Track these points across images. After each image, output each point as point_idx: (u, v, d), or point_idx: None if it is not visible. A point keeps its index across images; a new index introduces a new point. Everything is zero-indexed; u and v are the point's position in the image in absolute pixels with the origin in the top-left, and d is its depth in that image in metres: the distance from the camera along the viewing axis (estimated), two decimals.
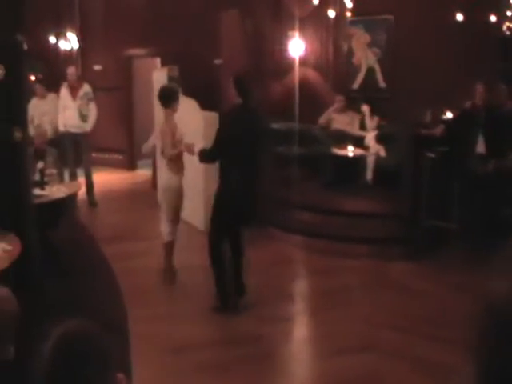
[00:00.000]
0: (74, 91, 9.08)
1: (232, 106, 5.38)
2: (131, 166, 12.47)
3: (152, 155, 10.20)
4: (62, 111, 9.10)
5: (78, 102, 9.05)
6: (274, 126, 9.02)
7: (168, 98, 6.07)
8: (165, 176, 6.26)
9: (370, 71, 9.25)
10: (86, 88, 9.21)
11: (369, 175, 8.30)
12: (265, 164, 7.88)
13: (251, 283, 5.95)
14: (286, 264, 6.93)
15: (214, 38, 9.77)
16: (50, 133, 8.90)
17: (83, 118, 9.08)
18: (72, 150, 9.12)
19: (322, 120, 9.04)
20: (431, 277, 6.31)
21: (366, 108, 8.75)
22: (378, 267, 6.61)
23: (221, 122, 5.34)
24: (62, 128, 9.09)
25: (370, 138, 8.58)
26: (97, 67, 12.27)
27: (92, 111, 9.21)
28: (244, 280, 5.59)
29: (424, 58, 8.40)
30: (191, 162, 7.70)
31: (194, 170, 7.44)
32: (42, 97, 9.19)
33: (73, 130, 9.07)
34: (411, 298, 5.81)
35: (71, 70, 9.22)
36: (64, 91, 9.13)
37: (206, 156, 5.46)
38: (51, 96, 9.33)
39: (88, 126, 9.18)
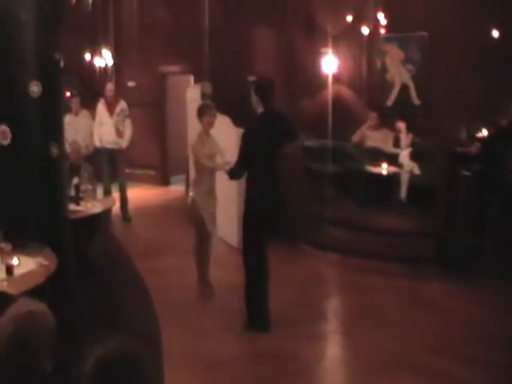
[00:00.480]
0: (110, 107, 9.16)
1: (254, 116, 5.43)
2: (164, 181, 12.51)
3: (186, 169, 10.23)
4: (98, 127, 9.19)
5: (115, 119, 9.13)
6: (308, 143, 8.98)
7: (198, 111, 6.29)
8: None
9: (404, 88, 9.21)
10: (123, 104, 9.25)
11: (403, 193, 8.27)
12: (299, 180, 7.92)
13: (284, 300, 5.94)
14: (318, 282, 6.89)
15: (247, 54, 9.84)
16: (83, 149, 8.94)
17: (119, 134, 9.15)
18: (107, 166, 9.21)
19: (355, 137, 9.06)
20: (467, 297, 6.23)
21: (401, 125, 8.73)
22: (413, 286, 6.55)
23: (243, 135, 5.45)
24: (97, 143, 9.17)
25: (404, 155, 8.56)
26: (131, 83, 12.39)
27: (128, 127, 9.25)
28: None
29: (459, 74, 8.34)
30: (224, 179, 7.74)
31: (227, 187, 7.44)
32: (76, 114, 9.25)
33: (109, 146, 9.17)
34: (446, 319, 5.75)
35: (110, 87, 9.29)
36: (101, 107, 9.21)
37: (232, 173, 5.57)
38: (84, 113, 9.40)
39: (124, 143, 9.24)
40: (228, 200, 7.81)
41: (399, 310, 6.03)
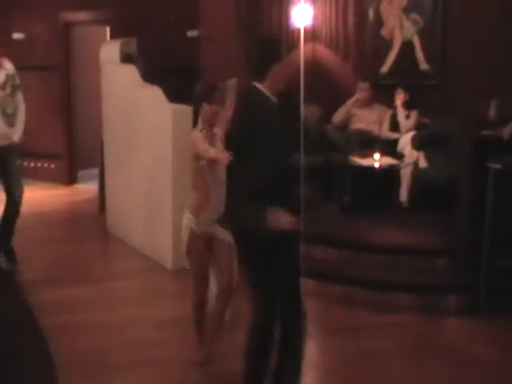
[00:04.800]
0: None
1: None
2: (69, 178, 12.47)
3: (99, 161, 10.21)
4: None
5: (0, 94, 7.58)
6: None
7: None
8: None
9: (407, 48, 9.24)
10: (8, 67, 7.68)
11: (403, 194, 8.31)
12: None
13: (240, 343, 5.77)
14: None
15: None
16: None
17: (8, 119, 7.63)
18: None
19: (337, 117, 9.16)
20: (499, 340, 6.17)
21: (399, 99, 8.76)
22: (424, 325, 6.48)
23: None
24: None
25: (405, 141, 8.58)
26: (17, 36, 12.23)
27: (21, 105, 7.79)
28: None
29: (487, 28, 8.37)
30: (155, 178, 7.59)
31: (160, 189, 7.66)
32: None
33: None
34: (469, 369, 5.67)
35: None
36: None
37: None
38: None
39: (16, 133, 7.70)
40: (161, 210, 7.98)
41: (406, 357, 5.91)
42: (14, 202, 7.81)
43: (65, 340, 5.94)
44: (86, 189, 11.87)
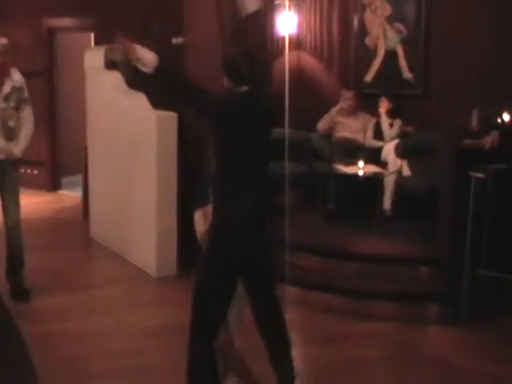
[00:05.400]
0: None
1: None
2: (53, 184, 12.39)
3: (83, 168, 10.13)
4: None
5: (1, 105, 6.98)
6: None
7: None
8: None
9: (391, 57, 9.23)
10: (17, 79, 7.19)
11: (387, 203, 8.31)
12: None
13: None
14: None
15: (172, 7, 9.64)
16: None
17: (9, 133, 7.02)
18: None
19: (321, 125, 9.14)
20: (480, 349, 6.19)
21: (383, 108, 8.76)
22: (407, 334, 6.50)
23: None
24: None
25: (388, 150, 8.58)
26: (1, 41, 11.98)
27: (27, 121, 7.17)
28: None
29: (470, 37, 8.39)
30: (140, 185, 7.58)
31: (144, 196, 7.68)
32: None
33: None
34: (451, 379, 5.69)
35: None
36: None
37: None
38: None
39: (17, 148, 7.09)
40: (145, 217, 7.97)
41: (389, 366, 6.00)
42: (10, 224, 7.41)
43: (47, 348, 5.88)
44: (70, 195, 11.81)
